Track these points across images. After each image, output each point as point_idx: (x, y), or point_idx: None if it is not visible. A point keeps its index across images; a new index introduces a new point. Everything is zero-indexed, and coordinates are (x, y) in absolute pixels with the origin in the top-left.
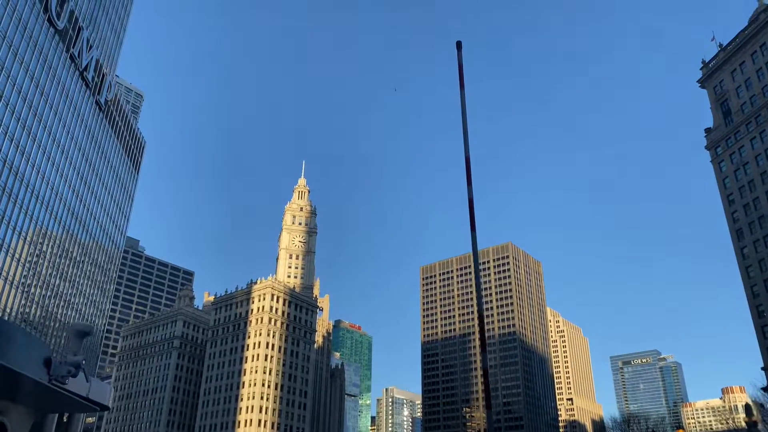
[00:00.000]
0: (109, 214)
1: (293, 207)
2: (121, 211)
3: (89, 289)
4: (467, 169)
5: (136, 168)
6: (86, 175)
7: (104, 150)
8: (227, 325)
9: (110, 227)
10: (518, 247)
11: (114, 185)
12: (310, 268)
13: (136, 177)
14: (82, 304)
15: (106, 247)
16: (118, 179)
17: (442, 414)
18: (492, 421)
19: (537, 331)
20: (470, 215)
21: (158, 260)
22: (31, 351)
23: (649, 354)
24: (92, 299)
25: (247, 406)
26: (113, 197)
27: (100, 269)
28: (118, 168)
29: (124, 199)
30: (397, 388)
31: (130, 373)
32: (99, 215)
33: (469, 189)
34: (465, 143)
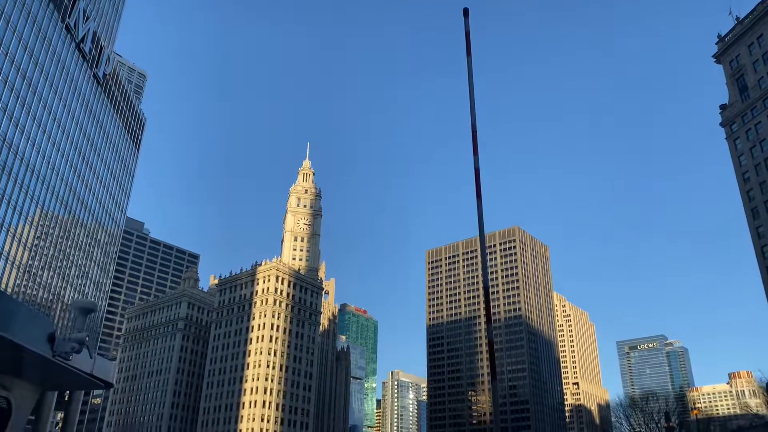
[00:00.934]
0: (109, 190)
1: (298, 189)
2: (121, 188)
3: (90, 268)
4: (473, 138)
5: (137, 145)
6: (85, 151)
7: (103, 125)
8: (232, 306)
9: (110, 204)
10: (525, 231)
11: (114, 162)
12: (315, 251)
13: (136, 154)
14: (83, 284)
15: (106, 225)
16: (118, 156)
17: (448, 397)
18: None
19: (543, 314)
20: (476, 184)
21: (163, 243)
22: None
23: (655, 339)
24: (93, 278)
25: (252, 387)
26: (113, 174)
27: (100, 247)
28: (118, 144)
29: (124, 176)
30: (402, 372)
31: (134, 354)
32: (98, 192)
33: (476, 159)
34: (471, 110)
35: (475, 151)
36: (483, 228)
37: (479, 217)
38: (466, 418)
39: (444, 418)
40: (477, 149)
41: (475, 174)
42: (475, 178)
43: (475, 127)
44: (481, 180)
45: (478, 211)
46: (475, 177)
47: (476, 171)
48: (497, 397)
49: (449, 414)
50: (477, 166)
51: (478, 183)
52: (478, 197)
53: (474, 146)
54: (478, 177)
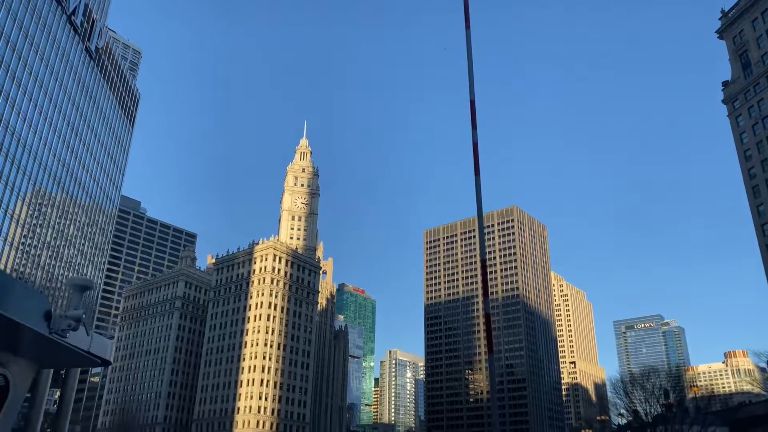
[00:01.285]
0: (103, 167)
1: (295, 168)
2: (115, 164)
3: (85, 245)
4: (472, 112)
5: (131, 121)
6: (78, 126)
7: (96, 100)
8: (229, 285)
9: (104, 181)
10: (523, 210)
11: (107, 138)
12: (313, 230)
13: (130, 130)
14: (78, 262)
15: (100, 202)
16: (112, 132)
17: (445, 375)
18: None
19: (541, 294)
20: (474, 159)
21: (160, 222)
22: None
23: (652, 318)
24: (89, 256)
25: (250, 365)
26: (107, 150)
27: (95, 224)
28: (112, 120)
29: (119, 152)
30: (400, 351)
31: (132, 333)
32: (92, 168)
33: (474, 133)
34: (470, 84)
35: (473, 126)
36: (480, 202)
37: (477, 192)
38: (464, 396)
39: (441, 396)
40: (475, 123)
41: (474, 149)
42: (473, 153)
43: (474, 102)
44: (479, 157)
45: (476, 186)
46: (474, 152)
47: (474, 146)
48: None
49: (446, 392)
50: (475, 141)
51: (476, 158)
52: (476, 173)
53: (473, 121)
54: (476, 152)
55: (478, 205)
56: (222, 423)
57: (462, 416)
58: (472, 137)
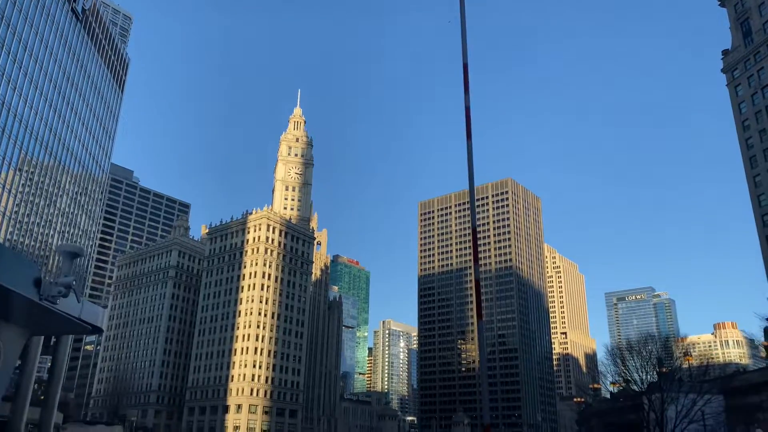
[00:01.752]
0: (92, 133)
1: (289, 137)
2: (105, 130)
3: (76, 213)
4: (465, 76)
5: (120, 86)
6: (65, 91)
7: (84, 64)
8: (222, 255)
9: (94, 147)
10: (518, 182)
11: (96, 103)
12: (307, 200)
13: (120, 96)
14: (69, 230)
15: (90, 169)
16: (101, 97)
17: (438, 345)
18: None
19: (533, 266)
20: (467, 123)
21: (153, 191)
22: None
23: (643, 291)
24: (79, 223)
25: (244, 334)
26: (96, 116)
27: (86, 191)
28: (101, 85)
29: (108, 118)
30: (393, 321)
31: (126, 302)
32: (81, 134)
33: (466, 97)
34: (463, 47)
35: (466, 89)
36: (472, 166)
37: (468, 156)
38: (456, 366)
39: (434, 365)
40: (468, 87)
41: (466, 113)
42: (465, 117)
43: (467, 65)
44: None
45: (467, 151)
46: (466, 116)
47: (467, 109)
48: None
49: (439, 362)
50: (467, 105)
51: (468, 122)
52: (468, 137)
53: (465, 84)
54: (468, 116)
55: (470, 169)
56: (216, 391)
57: (454, 384)
58: (464, 101)
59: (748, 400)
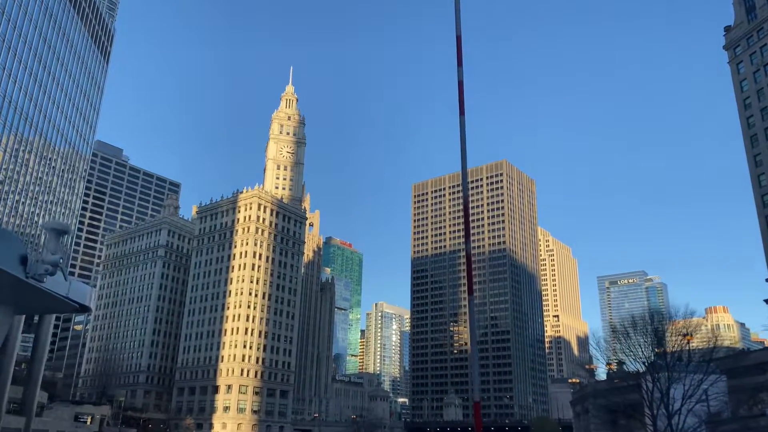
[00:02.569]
0: (76, 106)
1: (280, 116)
2: (90, 103)
3: (59, 188)
4: (458, 48)
5: (105, 58)
6: (48, 62)
7: (67, 34)
8: (213, 234)
9: (78, 121)
10: (512, 164)
11: (80, 75)
12: (299, 180)
13: (105, 68)
14: (53, 208)
15: (73, 142)
16: (85, 69)
17: (430, 327)
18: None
19: (527, 248)
20: (459, 98)
21: (143, 170)
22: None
23: (635, 275)
24: (63, 199)
25: (234, 314)
26: (80, 88)
27: (70, 167)
28: (85, 56)
29: (93, 91)
30: (386, 303)
31: (115, 281)
32: (65, 107)
33: (460, 71)
34: (456, 19)
35: (459, 62)
36: (464, 142)
37: (461, 132)
38: (448, 348)
39: (426, 347)
40: (461, 60)
41: (459, 87)
42: (458, 91)
43: (460, 38)
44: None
45: (460, 127)
46: (459, 90)
47: (460, 84)
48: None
49: (431, 344)
50: (461, 79)
51: (461, 96)
52: (461, 112)
53: (458, 57)
54: (461, 90)
55: (462, 144)
56: (206, 371)
57: (446, 366)
58: (457, 75)
59: (754, 379)
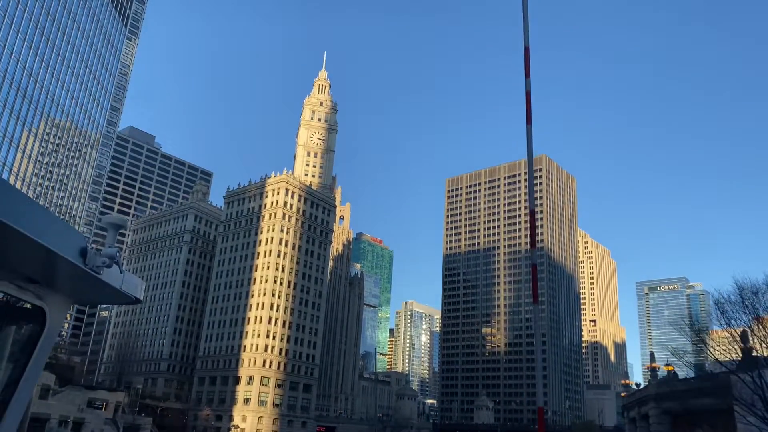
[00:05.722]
0: (92, 71)
1: (312, 101)
2: (107, 69)
3: (71, 169)
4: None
5: (124, 21)
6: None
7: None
8: (239, 219)
9: (94, 89)
10: (553, 160)
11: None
12: (329, 168)
13: (123, 31)
14: (77, 188)
15: (88, 111)
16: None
17: (461, 328)
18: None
19: (566, 248)
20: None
21: (175, 158)
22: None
23: (676, 281)
24: (75, 170)
25: (258, 303)
26: (95, 51)
27: (83, 138)
28: (99, 15)
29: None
30: (416, 302)
31: (140, 267)
32: (78, 70)
33: (527, 81)
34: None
35: (527, 74)
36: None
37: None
38: (480, 350)
39: (457, 348)
40: (529, 71)
41: (526, 97)
42: (525, 101)
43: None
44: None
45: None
46: (526, 101)
47: (527, 94)
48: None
49: (462, 345)
50: (528, 90)
51: (528, 107)
52: (528, 121)
53: (526, 68)
54: (528, 101)
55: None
56: (227, 361)
57: (477, 368)
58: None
59: None
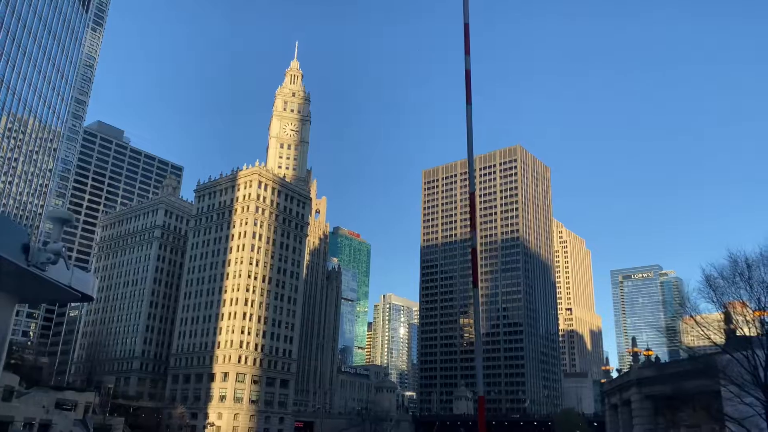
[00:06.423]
0: (50, 57)
1: (285, 92)
2: (68, 58)
3: (39, 159)
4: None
5: (86, 9)
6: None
7: None
8: (211, 213)
9: (56, 80)
10: (527, 150)
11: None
12: (303, 160)
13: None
14: (38, 183)
15: (52, 106)
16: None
17: (440, 319)
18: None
19: (541, 237)
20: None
21: (144, 153)
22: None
23: (650, 269)
24: (39, 174)
25: (232, 298)
26: (55, 36)
27: (47, 132)
28: (63, 8)
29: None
30: (395, 295)
31: (110, 264)
32: (39, 60)
33: (467, 59)
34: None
35: (466, 51)
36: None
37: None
38: (458, 340)
39: (435, 340)
40: (468, 48)
41: (466, 76)
42: (465, 80)
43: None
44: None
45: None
46: (466, 79)
47: (467, 73)
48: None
49: (440, 336)
50: (468, 68)
51: (468, 86)
52: (467, 101)
53: (466, 45)
54: (468, 80)
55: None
56: (202, 358)
57: (456, 359)
58: (465, 64)
59: None
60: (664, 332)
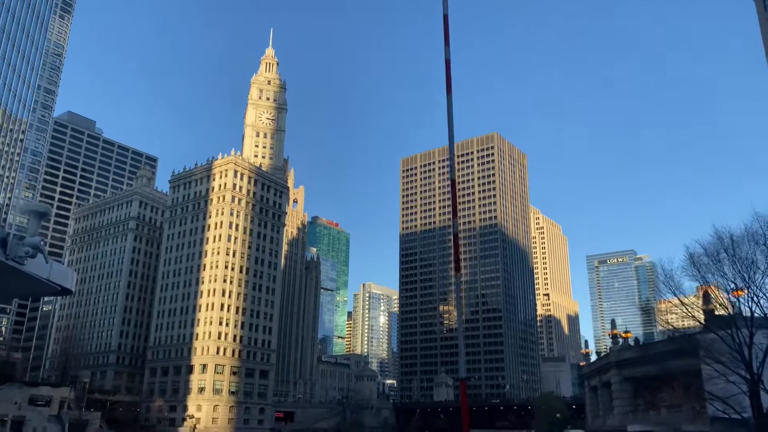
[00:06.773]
0: (17, 46)
1: (260, 80)
2: (34, 44)
3: None
4: (445, 26)
5: None
6: None
7: None
8: (186, 204)
9: (20, 66)
10: (504, 138)
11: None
12: (280, 148)
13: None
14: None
15: (16, 94)
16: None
17: (419, 307)
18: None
19: (519, 224)
20: (447, 77)
21: (118, 144)
22: None
23: (625, 254)
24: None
25: (209, 289)
26: (18, 21)
27: (12, 123)
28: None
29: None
30: (374, 284)
31: (84, 257)
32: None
33: (447, 49)
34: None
35: (446, 41)
36: (452, 122)
37: (449, 112)
38: (438, 328)
39: (415, 327)
40: (448, 39)
41: (446, 66)
42: (445, 70)
43: (447, 16)
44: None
45: (447, 106)
46: (446, 69)
47: (447, 62)
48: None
49: (420, 323)
50: (448, 58)
51: (448, 75)
52: (448, 91)
53: (445, 35)
54: (448, 69)
55: (449, 123)
56: (179, 350)
57: (436, 346)
58: (444, 54)
59: None
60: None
